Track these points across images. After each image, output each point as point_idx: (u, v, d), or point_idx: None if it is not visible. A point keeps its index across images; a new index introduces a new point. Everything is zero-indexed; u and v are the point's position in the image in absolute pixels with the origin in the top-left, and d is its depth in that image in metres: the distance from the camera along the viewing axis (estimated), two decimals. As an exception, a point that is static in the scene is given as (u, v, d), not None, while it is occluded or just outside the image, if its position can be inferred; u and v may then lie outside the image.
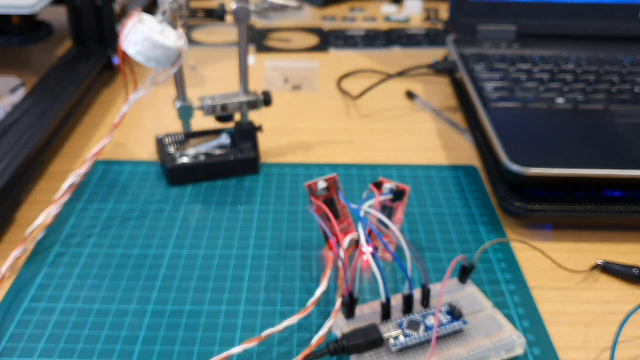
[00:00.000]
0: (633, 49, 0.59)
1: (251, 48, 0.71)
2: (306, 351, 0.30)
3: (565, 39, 0.60)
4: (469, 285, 0.35)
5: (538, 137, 0.45)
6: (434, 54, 0.70)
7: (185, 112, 0.45)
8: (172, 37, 0.36)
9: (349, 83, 0.63)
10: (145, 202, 0.44)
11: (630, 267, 0.38)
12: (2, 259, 0.38)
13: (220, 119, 0.47)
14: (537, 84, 0.52)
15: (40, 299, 0.35)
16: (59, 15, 0.66)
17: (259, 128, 0.48)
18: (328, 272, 0.34)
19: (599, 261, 0.38)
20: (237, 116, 0.48)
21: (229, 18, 0.43)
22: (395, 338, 0.31)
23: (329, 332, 0.31)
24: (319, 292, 0.33)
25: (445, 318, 0.32)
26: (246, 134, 0.47)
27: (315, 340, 0.30)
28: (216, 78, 0.64)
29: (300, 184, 0.46)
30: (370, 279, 0.37)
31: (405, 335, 0.31)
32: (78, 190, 0.45)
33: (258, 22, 0.78)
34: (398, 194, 0.36)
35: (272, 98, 0.47)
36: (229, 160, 0.46)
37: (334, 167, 0.49)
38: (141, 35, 0.34)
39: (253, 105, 0.47)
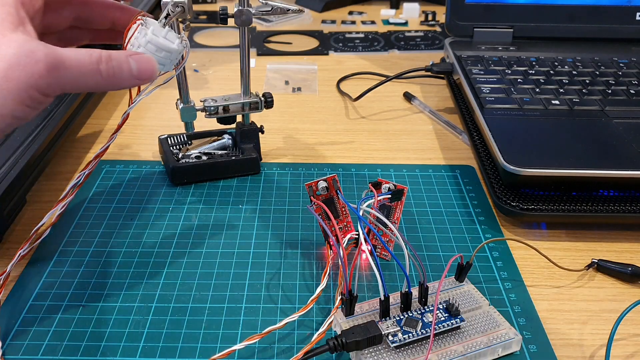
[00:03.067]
0: (629, 50, 0.60)
1: (252, 51, 0.71)
2: (306, 348, 0.31)
3: (561, 41, 0.61)
4: (466, 283, 0.36)
5: (534, 138, 0.46)
6: (431, 57, 0.71)
7: (188, 114, 0.46)
8: (175, 40, 0.36)
9: (349, 85, 0.64)
10: (149, 201, 0.44)
11: (626, 265, 0.38)
12: (8, 258, 0.39)
13: (222, 120, 0.47)
14: (533, 85, 0.53)
15: (45, 297, 0.36)
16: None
17: (261, 129, 0.49)
18: (328, 271, 0.35)
19: (594, 260, 0.39)
20: (239, 117, 0.48)
21: (230, 21, 0.44)
22: (394, 335, 0.31)
23: (329, 329, 0.32)
24: (319, 289, 0.33)
25: (442, 315, 0.32)
26: (248, 135, 0.48)
27: (315, 337, 0.31)
28: (218, 80, 0.64)
29: (300, 183, 0.47)
30: (369, 277, 0.38)
31: (404, 332, 0.31)
32: (82, 189, 0.45)
33: (259, 26, 0.79)
34: (396, 194, 0.37)
35: (273, 100, 0.48)
36: (230, 161, 0.47)
37: (333, 167, 0.49)
38: (145, 38, 0.35)
39: (254, 106, 0.47)
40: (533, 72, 0.55)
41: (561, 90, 0.52)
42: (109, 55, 0.32)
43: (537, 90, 0.52)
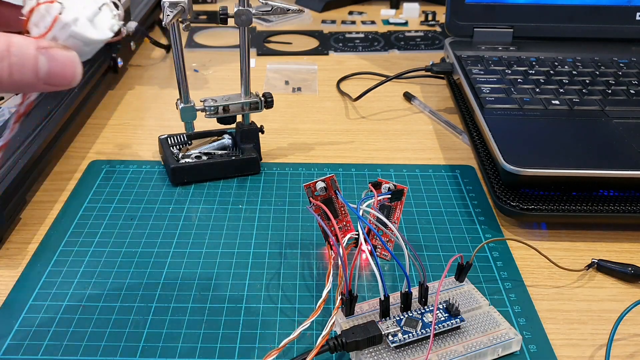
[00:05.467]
0: (629, 50, 0.60)
1: (252, 51, 0.71)
2: (313, 353, 0.30)
3: (561, 41, 0.61)
4: (466, 283, 0.36)
5: (534, 138, 0.46)
6: (431, 57, 0.71)
7: (188, 114, 0.46)
8: (108, 23, 0.26)
9: (349, 85, 0.64)
10: (149, 201, 0.44)
11: (626, 265, 0.38)
12: (8, 258, 0.39)
13: (222, 120, 0.47)
14: (533, 85, 0.53)
15: (45, 297, 0.36)
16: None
17: (261, 129, 0.49)
18: (331, 271, 0.35)
19: (595, 260, 0.39)
20: (239, 117, 0.48)
21: (230, 21, 0.44)
22: (394, 335, 0.31)
23: (331, 330, 0.32)
24: (325, 292, 0.33)
25: (442, 315, 0.32)
26: (248, 135, 0.48)
27: (320, 340, 0.31)
28: (218, 80, 0.64)
29: (300, 184, 0.47)
30: (369, 277, 0.38)
31: (404, 332, 0.31)
32: (82, 189, 0.45)
33: (259, 26, 0.79)
34: (396, 194, 0.37)
35: (273, 100, 0.48)
36: (230, 161, 0.47)
37: (334, 167, 0.49)
38: (66, 30, 0.24)
39: (254, 106, 0.47)
40: (533, 72, 0.55)
41: (561, 90, 0.52)
42: (9, 42, 0.22)
43: (537, 90, 0.52)
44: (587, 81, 0.54)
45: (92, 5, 0.25)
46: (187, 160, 0.47)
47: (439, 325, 0.32)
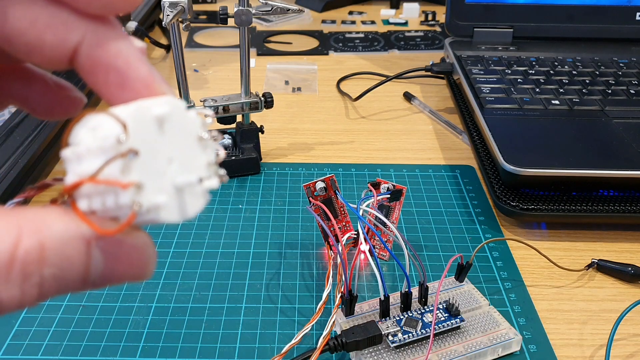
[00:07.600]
0: (629, 50, 0.60)
1: (252, 51, 0.71)
2: (316, 354, 0.30)
3: (561, 41, 0.61)
4: (466, 283, 0.36)
5: (534, 138, 0.46)
6: (431, 57, 0.71)
7: (187, 114, 0.46)
8: (206, 186, 0.16)
9: (349, 85, 0.64)
10: (148, 202, 0.44)
11: (626, 265, 0.38)
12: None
13: (222, 120, 0.47)
14: (533, 85, 0.53)
15: (46, 297, 0.36)
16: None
17: (261, 129, 0.49)
18: (331, 272, 0.35)
19: (595, 260, 0.39)
20: (239, 117, 0.48)
21: (230, 21, 0.44)
22: (394, 335, 0.31)
23: (331, 331, 0.32)
24: (325, 294, 0.33)
25: (442, 315, 0.32)
26: (248, 134, 0.48)
27: (321, 340, 0.31)
28: (218, 80, 0.64)
29: (300, 183, 0.47)
30: (369, 277, 0.38)
31: (404, 332, 0.31)
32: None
33: (259, 26, 0.79)
34: (395, 194, 0.37)
35: (273, 100, 0.48)
36: (230, 161, 0.47)
37: (333, 167, 0.49)
38: (138, 218, 0.15)
39: (254, 106, 0.47)
40: (533, 72, 0.55)
41: (561, 90, 0.52)
42: (42, 243, 0.14)
43: (537, 90, 0.52)
44: (587, 81, 0.54)
45: (188, 174, 0.15)
46: (187, 160, 0.46)
47: (439, 325, 0.32)
